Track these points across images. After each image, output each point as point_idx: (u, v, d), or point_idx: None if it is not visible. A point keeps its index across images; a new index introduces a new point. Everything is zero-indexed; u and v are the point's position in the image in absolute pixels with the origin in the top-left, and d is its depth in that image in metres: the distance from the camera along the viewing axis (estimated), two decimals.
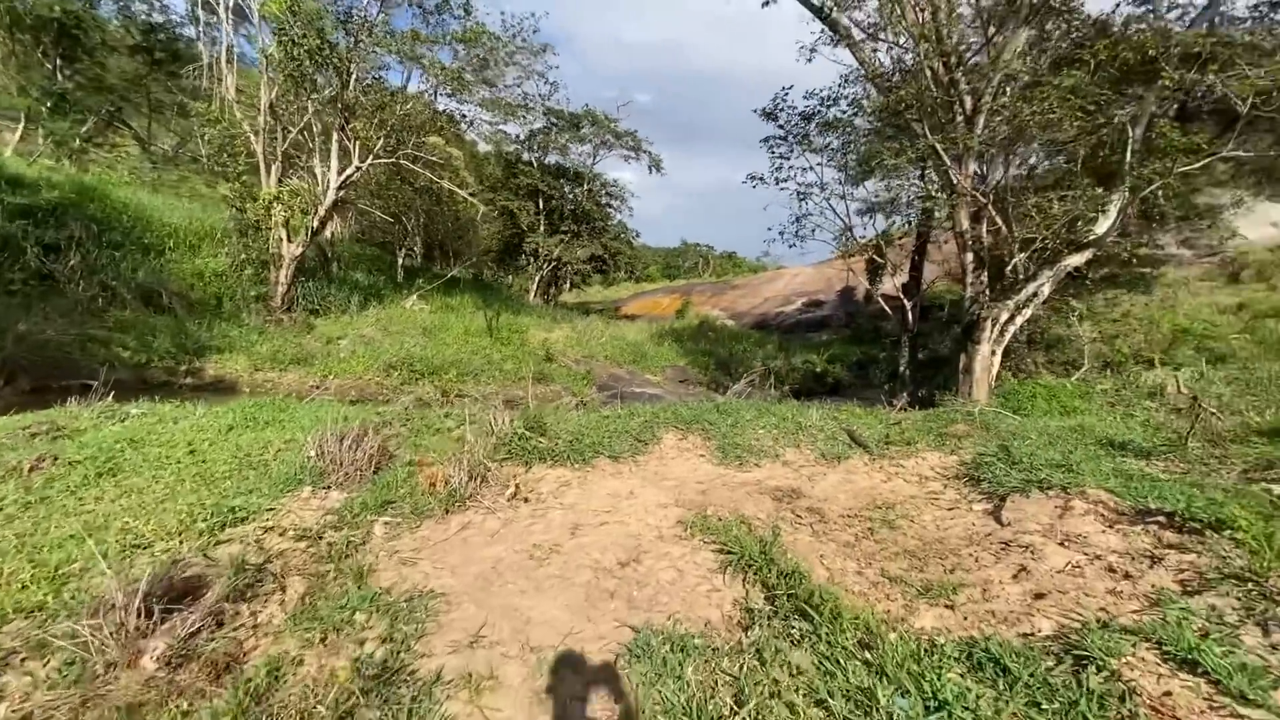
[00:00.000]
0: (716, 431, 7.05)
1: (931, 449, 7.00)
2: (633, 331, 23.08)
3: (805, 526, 4.93)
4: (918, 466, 6.47)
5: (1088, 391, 9.94)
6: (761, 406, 8.08)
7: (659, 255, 72.53)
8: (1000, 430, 7.50)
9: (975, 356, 10.86)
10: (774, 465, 6.40)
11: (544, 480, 5.65)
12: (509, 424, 6.54)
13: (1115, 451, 6.81)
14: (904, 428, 7.80)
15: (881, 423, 8.16)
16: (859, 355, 25.32)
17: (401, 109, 16.91)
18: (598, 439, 6.66)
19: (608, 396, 14.34)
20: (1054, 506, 4.77)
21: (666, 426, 7.21)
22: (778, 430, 7.15)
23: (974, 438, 7.29)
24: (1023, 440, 7.02)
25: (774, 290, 35.17)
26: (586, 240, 29.16)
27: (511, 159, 29.34)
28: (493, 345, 16.26)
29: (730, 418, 7.48)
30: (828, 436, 7.07)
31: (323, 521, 4.59)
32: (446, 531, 4.49)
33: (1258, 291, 20.55)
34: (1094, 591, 3.57)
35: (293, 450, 6.13)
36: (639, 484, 5.68)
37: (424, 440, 6.77)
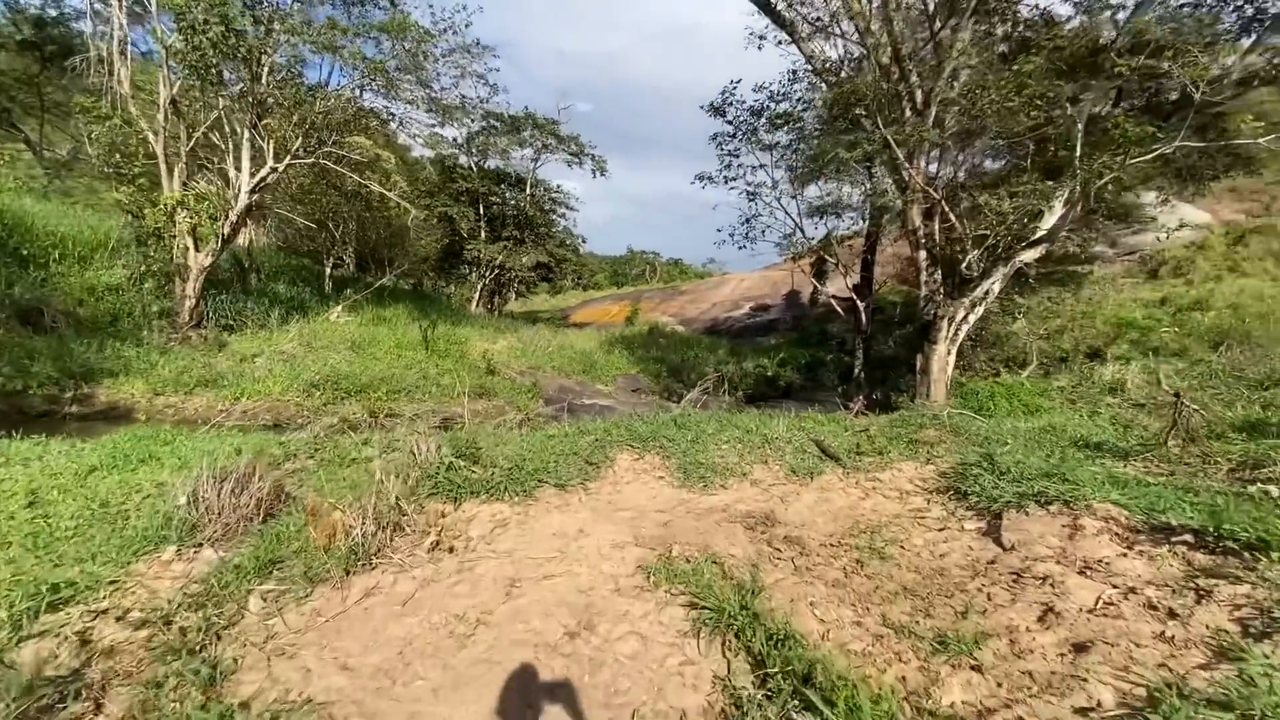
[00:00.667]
0: (676, 449, 6.26)
1: (905, 458, 6.44)
2: (581, 340, 22.16)
3: (786, 562, 4.19)
4: (895, 479, 5.87)
5: (1046, 389, 9.72)
6: (723, 418, 7.36)
7: (606, 263, 71.80)
8: (971, 434, 7.03)
9: (932, 357, 10.52)
10: (742, 485, 5.66)
11: (476, 520, 4.71)
12: (435, 452, 5.56)
13: (1092, 453, 6.42)
14: (872, 436, 7.23)
15: (848, 430, 7.59)
16: (807, 358, 25.23)
17: (322, 105, 15.51)
18: (542, 464, 5.76)
19: (556, 410, 13.40)
20: (1060, 525, 4.20)
21: (620, 446, 6.37)
22: (742, 445, 6.43)
23: (947, 444, 6.78)
24: (999, 445, 6.55)
25: (721, 295, 34.93)
26: (530, 247, 28.06)
27: (449, 163, 27.95)
28: (429, 359, 15.04)
29: (690, 433, 6.71)
30: (796, 449, 6.40)
31: (181, 596, 3.53)
32: (345, 600, 3.51)
33: (1176, 287, 21.44)
34: (1141, 638, 2.96)
35: (165, 496, 4.97)
36: (590, 518, 4.82)
37: (334, 475, 5.71)
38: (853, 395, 12.90)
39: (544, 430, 7.38)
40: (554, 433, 7.01)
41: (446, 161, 28.11)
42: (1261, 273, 20.27)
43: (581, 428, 7.19)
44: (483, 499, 5.05)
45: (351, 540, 3.86)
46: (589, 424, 7.57)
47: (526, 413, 12.34)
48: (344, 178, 19.04)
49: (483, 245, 26.81)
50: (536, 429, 8.32)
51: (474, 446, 5.83)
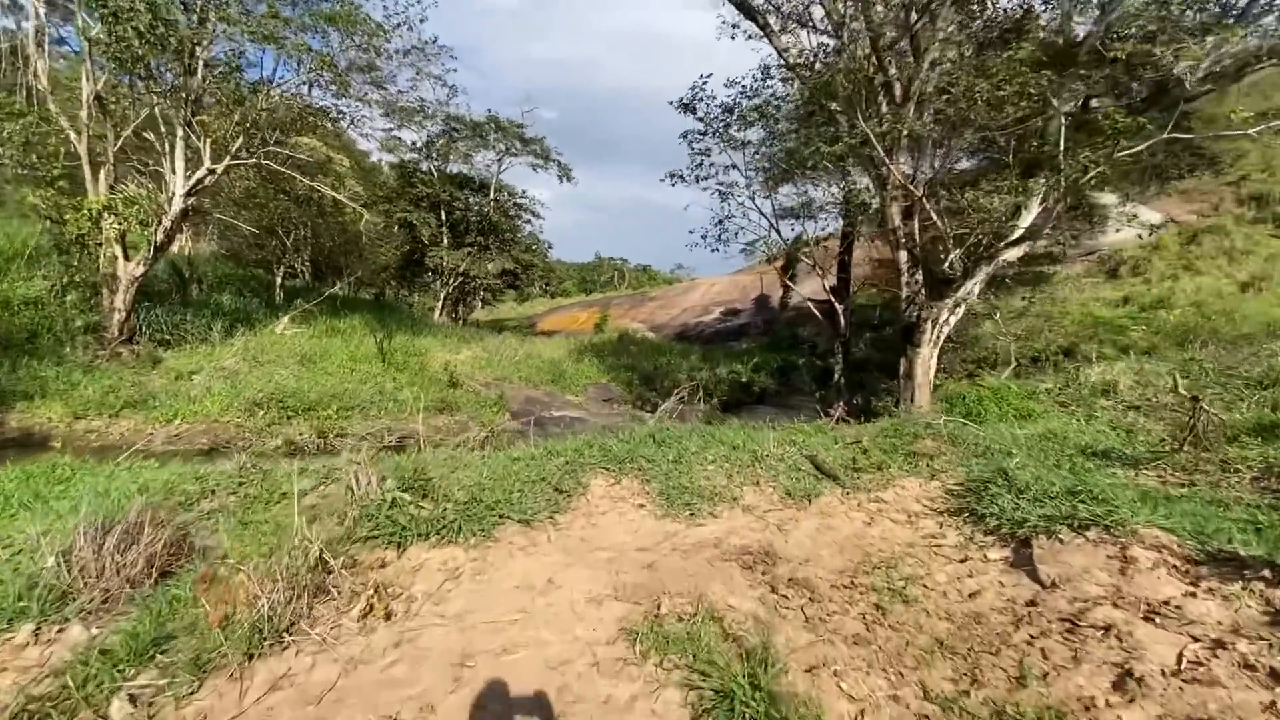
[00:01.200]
0: (657, 471, 5.55)
1: (906, 474, 5.87)
2: (549, 348, 21.30)
3: (795, 612, 3.52)
4: (900, 499, 5.27)
5: (1033, 392, 9.34)
6: (705, 433, 6.69)
7: (574, 270, 70.85)
8: (971, 444, 6.51)
9: (916, 360, 10.08)
10: (733, 512, 4.98)
11: (423, 570, 3.92)
12: (377, 485, 4.74)
13: (1100, 462, 5.96)
14: (866, 448, 6.66)
15: (840, 443, 7.00)
16: (779, 362, 24.88)
17: (265, 102, 14.40)
18: (504, 494, 4.98)
19: (523, 424, 12.56)
20: (1105, 556, 3.63)
21: (594, 469, 5.63)
22: (730, 464, 5.76)
23: (948, 456, 6.24)
24: (1004, 456, 6.04)
25: (691, 301, 34.45)
26: (495, 253, 27.07)
27: (409, 168, 26.79)
28: (385, 372, 14.03)
29: (671, 451, 6.01)
30: (790, 468, 5.76)
31: (22, 700, 2.66)
32: (242, 698, 2.69)
33: (1136, 286, 21.72)
34: (1249, 712, 2.37)
35: (34, 555, 4.04)
36: (561, 561, 4.07)
37: (256, 516, 4.82)
38: (832, 401, 12.42)
39: (507, 452, 6.59)
40: (519, 455, 6.23)
41: (406, 166, 26.95)
42: (1215, 270, 20.63)
43: (550, 448, 6.43)
44: (432, 542, 4.25)
45: (257, 612, 3.03)
46: (558, 444, 6.82)
47: (491, 428, 11.49)
48: (294, 181, 17.91)
49: (445, 252, 25.71)
50: (500, 448, 7.52)
51: (423, 477, 5.02)
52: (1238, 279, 19.29)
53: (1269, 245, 21.20)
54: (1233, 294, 17.75)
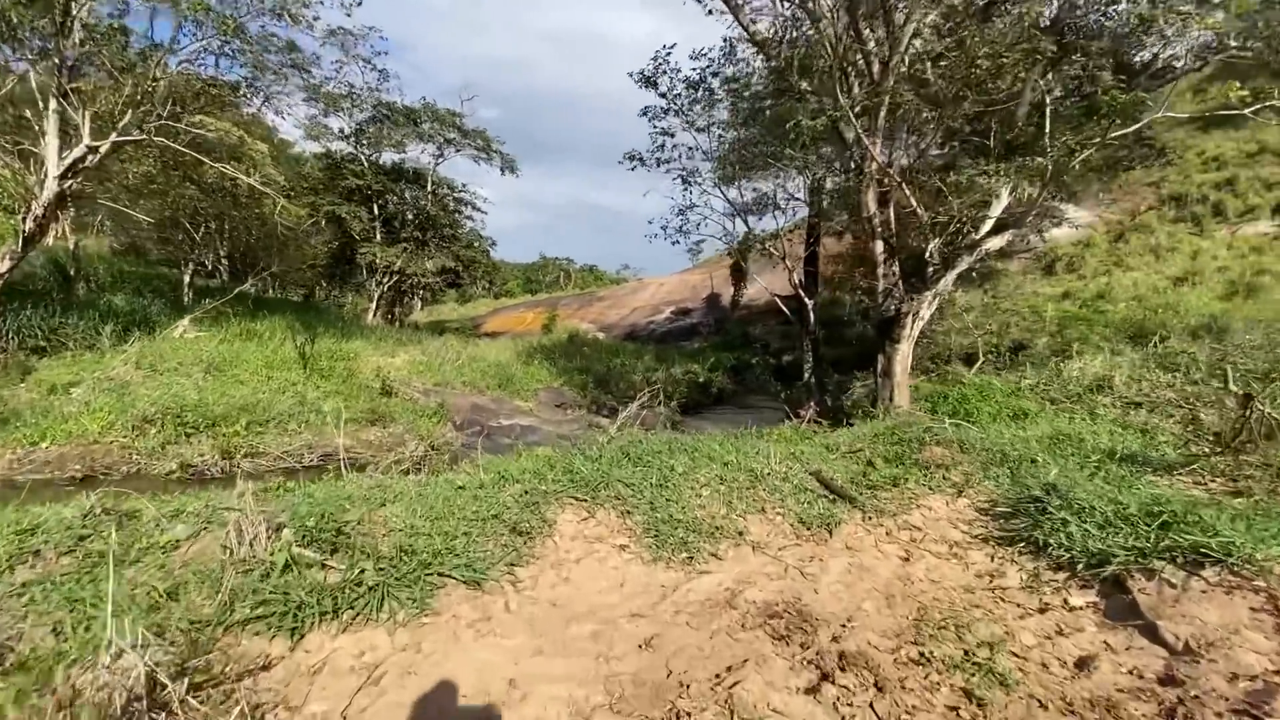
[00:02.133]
0: (639, 500, 4.45)
1: (924, 488, 5.00)
2: (495, 351, 19.79)
3: (861, 710, 2.50)
4: (932, 523, 4.38)
5: (1017, 388, 8.79)
6: (688, 447, 5.63)
7: (518, 270, 68.66)
8: (983, 450, 5.74)
9: (895, 357, 9.38)
10: (740, 552, 3.94)
11: (325, 672, 2.67)
12: (267, 538, 3.43)
13: (1130, 468, 5.28)
14: (871, 458, 5.79)
15: (836, 452, 6.11)
16: (733, 361, 24.28)
17: (159, 71, 12.39)
18: (445, 542, 3.76)
19: (469, 435, 11.20)
20: (1250, 608, 2.79)
21: (560, 500, 4.47)
22: (726, 486, 4.73)
23: (965, 466, 5.43)
24: (1023, 462, 5.28)
25: (641, 300, 33.46)
26: (434, 250, 25.21)
27: (337, 157, 24.56)
28: (307, 380, 12.32)
29: (652, 471, 4.92)
30: (796, 488, 4.78)
31: None
32: None
33: (1073, 281, 22.22)
34: None
35: None
36: (527, 645, 2.91)
37: (86, 593, 3.41)
38: (801, 401, 11.66)
39: (449, 477, 5.33)
40: (464, 482, 4.99)
41: (334, 155, 24.68)
42: (1144, 266, 21.31)
43: (502, 470, 5.21)
44: (344, 622, 2.99)
45: None
46: (511, 463, 5.61)
47: (430, 442, 10.08)
48: (201, 167, 15.77)
49: (378, 249, 23.66)
50: (441, 469, 6.25)
51: (335, 521, 3.74)
52: (1167, 274, 19.92)
53: (1191, 243, 22.05)
54: (1167, 289, 18.23)
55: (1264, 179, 23.55)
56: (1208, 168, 26.36)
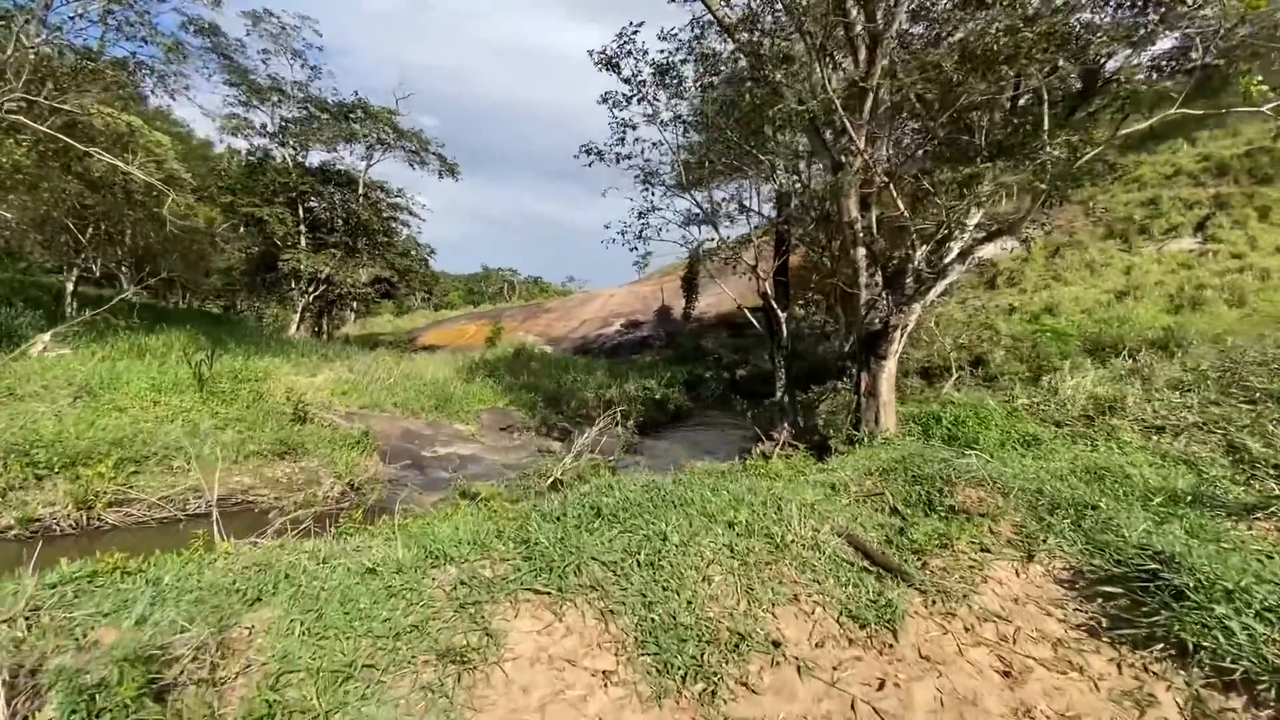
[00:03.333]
0: (626, 591, 3.14)
1: (981, 548, 3.93)
2: (434, 367, 17.96)
3: None
4: (1015, 607, 3.28)
5: (1013, 409, 8.01)
6: (677, 496, 4.35)
7: (460, 281, 65.92)
8: (1020, 490, 4.74)
9: (881, 375, 8.46)
10: (780, 677, 2.69)
11: None
12: None
13: (1199, 511, 4.39)
14: (895, 504, 4.70)
15: (845, 494, 4.99)
16: (686, 375, 23.33)
17: (27, 39, 10.23)
18: (333, 695, 2.35)
19: (398, 470, 9.55)
20: None
21: (512, 595, 3.11)
22: (738, 560, 3.48)
23: (1012, 514, 4.41)
24: (1084, 510, 4.30)
25: (590, 312, 32.07)
26: (366, 258, 23.03)
27: (257, 155, 22.10)
28: (203, 405, 10.35)
29: (638, 539, 3.62)
30: (829, 560, 3.58)
31: None
32: None
33: (1015, 296, 22.44)
34: None
35: None
36: None
37: None
38: (774, 422, 10.62)
39: (358, 546, 3.86)
40: (376, 559, 3.54)
41: (255, 153, 22.22)
42: (1080, 281, 21.76)
43: (431, 541, 3.79)
44: None
45: None
46: (443, 526, 4.19)
47: (350, 479, 8.41)
48: (89, 159, 13.45)
49: (303, 255, 21.32)
50: (353, 528, 4.73)
51: (161, 657, 2.26)
52: (1104, 288, 20.33)
53: (1121, 259, 22.70)
54: (1110, 303, 18.45)
55: (1184, 199, 24.60)
56: (1130, 188, 27.48)
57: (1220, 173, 26.26)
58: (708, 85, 8.81)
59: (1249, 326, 13.60)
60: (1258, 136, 25.97)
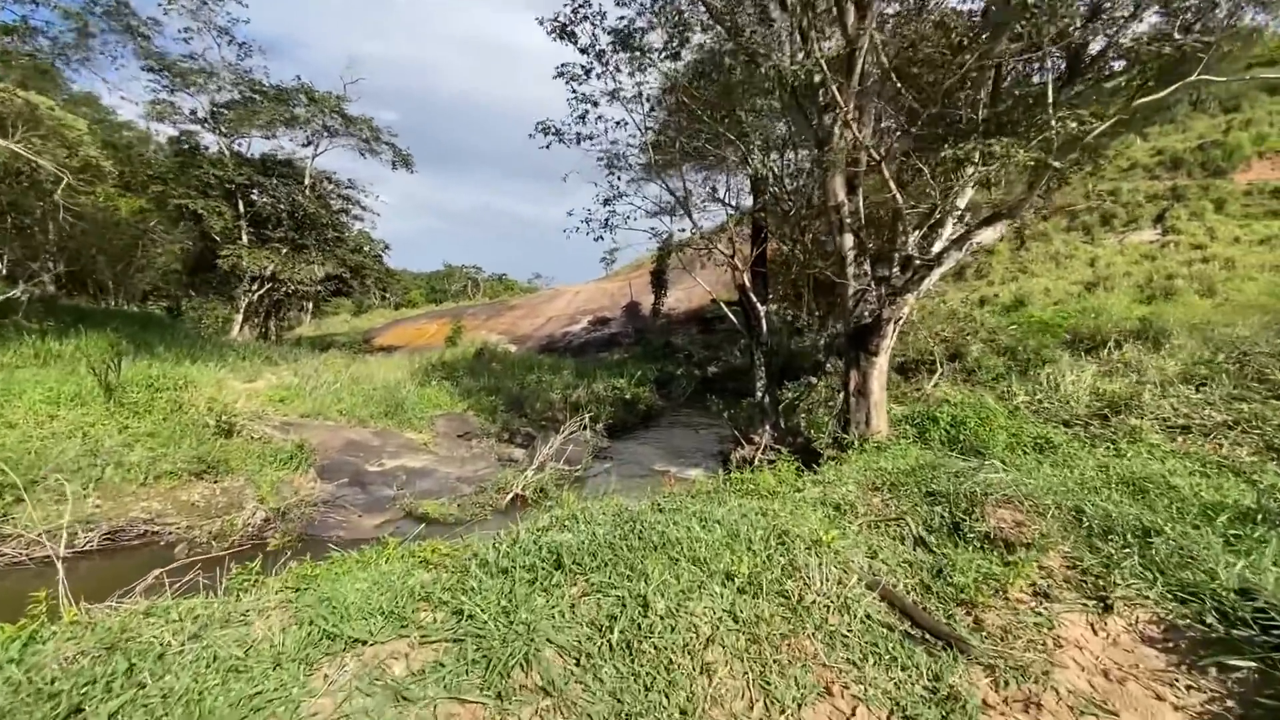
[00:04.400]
0: (594, 696, 2.21)
1: (1037, 594, 3.13)
2: (387, 369, 16.66)
3: None
4: (1107, 684, 2.47)
5: (1014, 408, 7.36)
6: (658, 535, 3.43)
7: (421, 280, 63.59)
8: (1056, 508, 4.00)
9: (872, 373, 7.72)
10: None
11: None
12: None
13: (1276, 532, 3.70)
14: (918, 532, 3.89)
15: (855, 517, 4.17)
16: (656, 373, 22.51)
17: None
18: None
19: (336, 488, 8.40)
20: None
21: (431, 709, 2.15)
22: (745, 634, 2.59)
23: (1061, 544, 3.64)
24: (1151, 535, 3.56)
25: (557, 309, 30.90)
26: (315, 254, 21.43)
27: (188, 143, 20.26)
28: (111, 418, 9.01)
29: (617, 609, 2.69)
30: (863, 625, 2.72)
31: None
32: None
33: (983, 288, 22.22)
34: None
35: None
36: None
37: None
38: (754, 423, 9.83)
39: (231, 634, 2.83)
40: (249, 649, 2.53)
41: (186, 140, 20.38)
42: (1046, 273, 21.69)
43: (327, 616, 2.79)
44: None
45: None
46: (351, 587, 3.19)
47: (277, 505, 7.23)
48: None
49: (244, 251, 19.67)
50: (238, 583, 3.68)
51: None
52: (1071, 280, 20.24)
53: (1085, 251, 22.70)
54: (1080, 294, 18.30)
55: (1143, 190, 24.80)
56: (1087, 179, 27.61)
57: (1174, 166, 26.53)
58: (674, 54, 7.88)
59: (1223, 316, 13.40)
60: (1208, 131, 26.41)
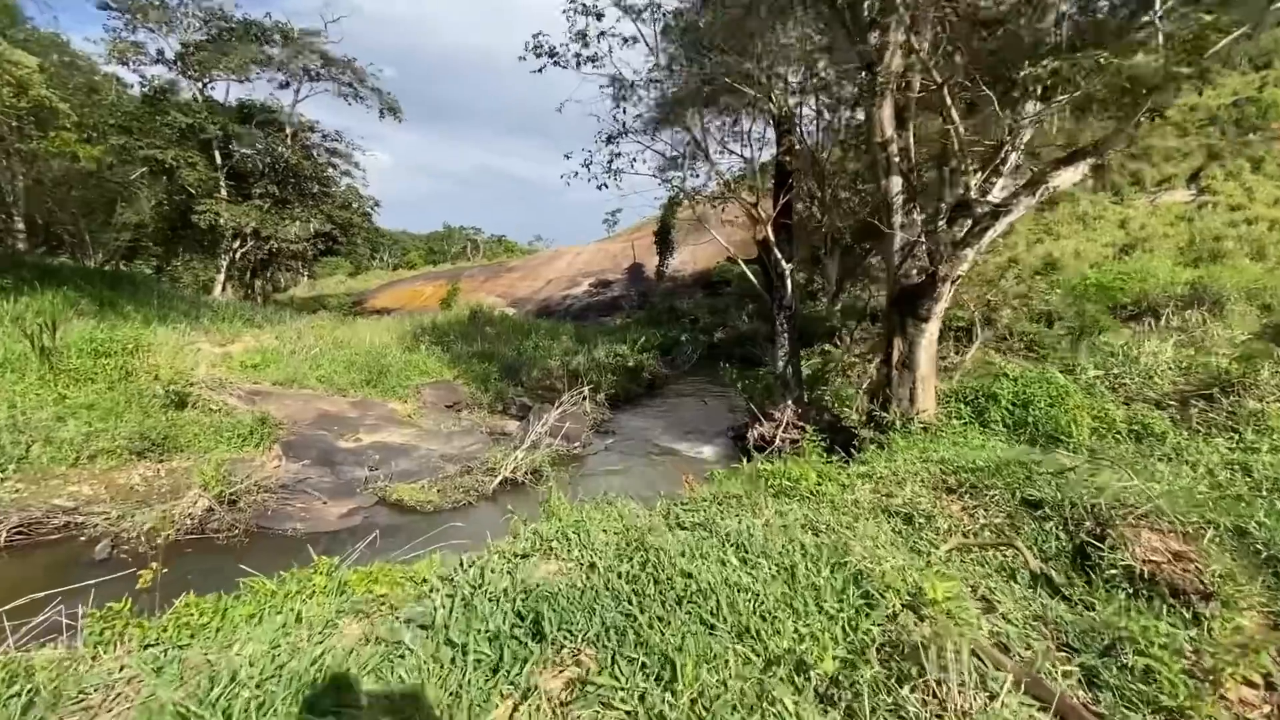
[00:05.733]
0: None
1: (1269, 690, 2.03)
2: (375, 332, 15.44)
3: None
4: None
5: (1090, 385, 6.20)
6: (682, 569, 2.34)
7: (420, 241, 61.80)
8: (1209, 526, 2.90)
9: (920, 341, 6.55)
10: None
11: None
12: None
13: None
14: (1054, 584, 2.79)
15: (939, 535, 3.08)
16: (660, 338, 21.30)
17: None
18: None
19: (304, 466, 7.32)
20: None
21: None
22: None
23: (1256, 586, 2.54)
24: None
25: (557, 271, 29.49)
26: (300, 210, 19.99)
27: (157, 88, 18.57)
28: (45, 387, 7.89)
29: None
30: None
31: None
32: None
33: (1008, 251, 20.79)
34: None
35: None
36: None
37: None
38: (774, 398, 8.71)
39: None
40: None
41: (152, 85, 18.68)
42: (1073, 235, 20.27)
43: None
44: None
45: None
46: (243, 651, 2.10)
47: (223, 491, 6.12)
48: None
49: (221, 206, 18.25)
50: (98, 632, 2.60)
51: None
52: (1102, 242, 18.85)
53: (1115, 211, 21.22)
54: (1115, 257, 17.01)
55: (1173, 149, 23.20)
56: None
57: (1208, 122, 24.73)
58: None
59: (1277, 280, 12.18)
60: (1242, 88, 24.55)
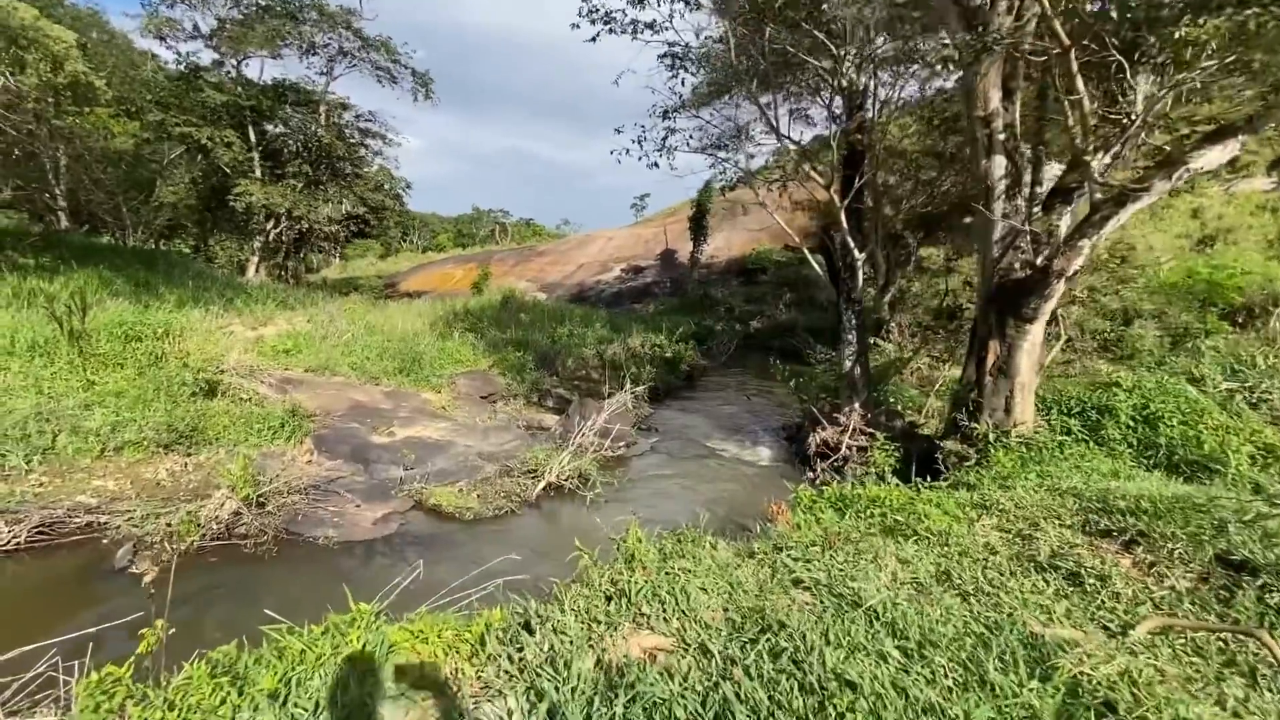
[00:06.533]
0: None
1: None
2: (407, 317, 15.02)
3: None
4: None
5: (1227, 399, 5.34)
6: None
7: (449, 223, 61.62)
8: None
9: (1021, 345, 5.74)
10: None
11: None
12: None
13: None
14: None
15: (1128, 609, 2.38)
16: (694, 327, 20.50)
17: None
18: None
19: (337, 464, 6.84)
20: None
21: None
22: None
23: None
24: None
25: (588, 256, 28.84)
26: (333, 191, 19.63)
27: (192, 65, 18.27)
28: (74, 373, 7.55)
29: None
30: None
31: None
32: None
33: None
34: None
35: None
36: None
37: None
38: (842, 401, 7.95)
39: None
40: None
41: (188, 61, 18.37)
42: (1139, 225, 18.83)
43: None
44: None
45: None
46: None
47: (250, 492, 5.63)
48: None
49: (256, 186, 17.97)
50: (110, 686, 2.04)
51: None
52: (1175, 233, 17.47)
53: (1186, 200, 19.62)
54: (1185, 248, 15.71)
55: None
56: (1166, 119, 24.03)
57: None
58: None
59: None
60: None
